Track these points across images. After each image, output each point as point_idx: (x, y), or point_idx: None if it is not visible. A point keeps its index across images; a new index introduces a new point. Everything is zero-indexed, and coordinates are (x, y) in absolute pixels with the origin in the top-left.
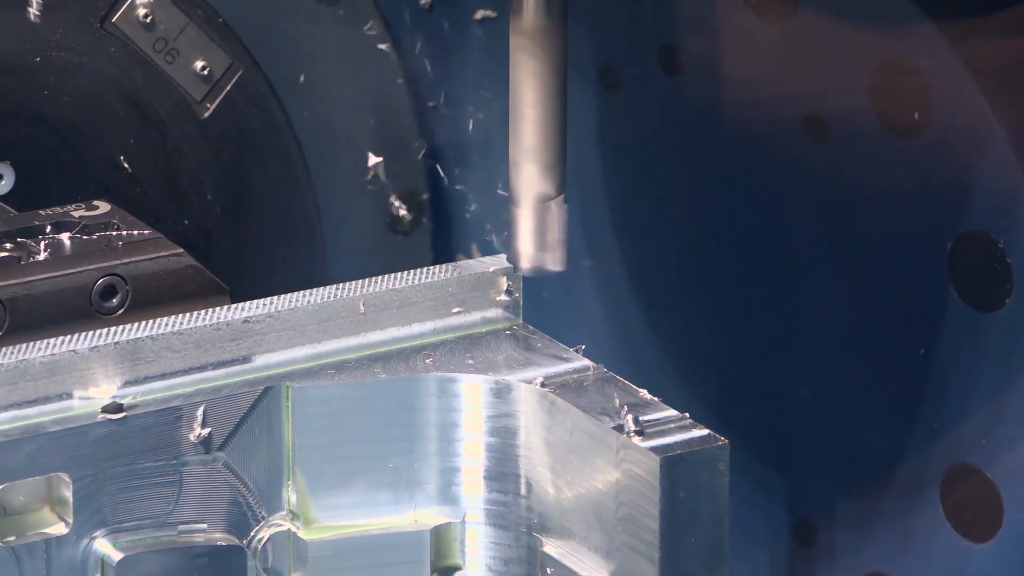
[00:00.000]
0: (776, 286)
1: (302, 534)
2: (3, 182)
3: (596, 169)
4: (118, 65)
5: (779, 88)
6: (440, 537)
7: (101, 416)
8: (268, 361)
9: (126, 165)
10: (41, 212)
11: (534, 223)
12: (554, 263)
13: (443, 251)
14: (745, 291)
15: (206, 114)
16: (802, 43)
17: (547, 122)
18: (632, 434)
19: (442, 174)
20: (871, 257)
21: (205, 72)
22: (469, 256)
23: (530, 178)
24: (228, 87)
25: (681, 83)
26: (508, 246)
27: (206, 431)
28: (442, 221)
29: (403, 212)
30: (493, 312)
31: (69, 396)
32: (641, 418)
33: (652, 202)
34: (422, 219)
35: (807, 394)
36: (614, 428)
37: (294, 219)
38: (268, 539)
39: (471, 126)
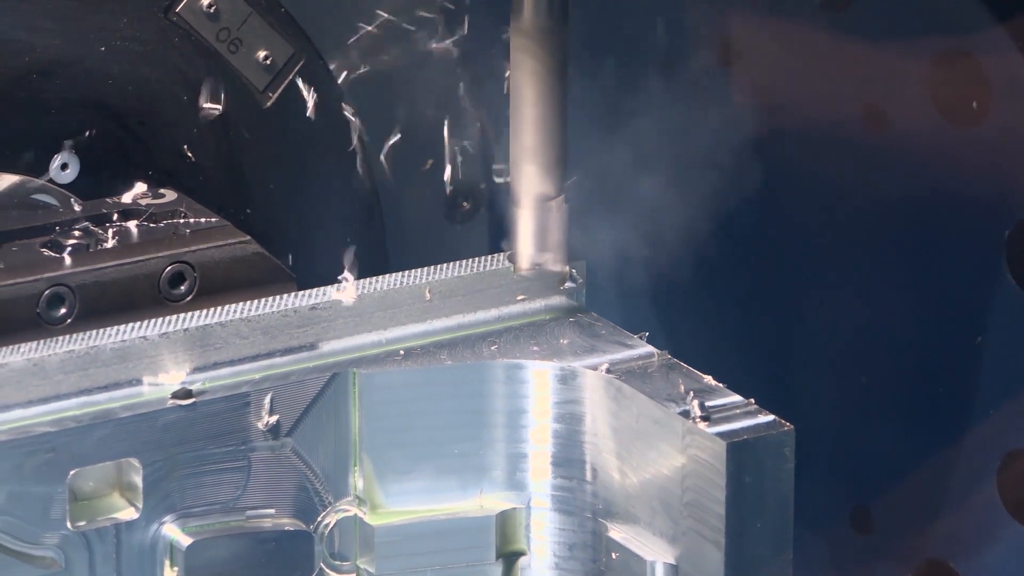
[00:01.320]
0: (833, 273)
1: (368, 519)
2: (68, 171)
3: (652, 158)
4: (182, 55)
5: (838, 78)
6: (505, 523)
7: (171, 402)
8: (335, 348)
9: (189, 154)
10: (108, 200)
11: (534, 223)
12: (555, 263)
13: (499, 240)
14: (804, 278)
15: (268, 103)
16: (860, 32)
17: (547, 122)
18: (698, 420)
19: (498, 164)
20: (928, 245)
21: (268, 62)
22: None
23: (530, 178)
24: (290, 76)
25: (738, 73)
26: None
27: (274, 418)
28: (498, 210)
29: (462, 201)
30: (557, 299)
31: (139, 382)
32: (707, 404)
33: (709, 191)
34: (480, 208)
35: (864, 381)
36: (680, 414)
37: (354, 208)
38: (335, 524)
39: None
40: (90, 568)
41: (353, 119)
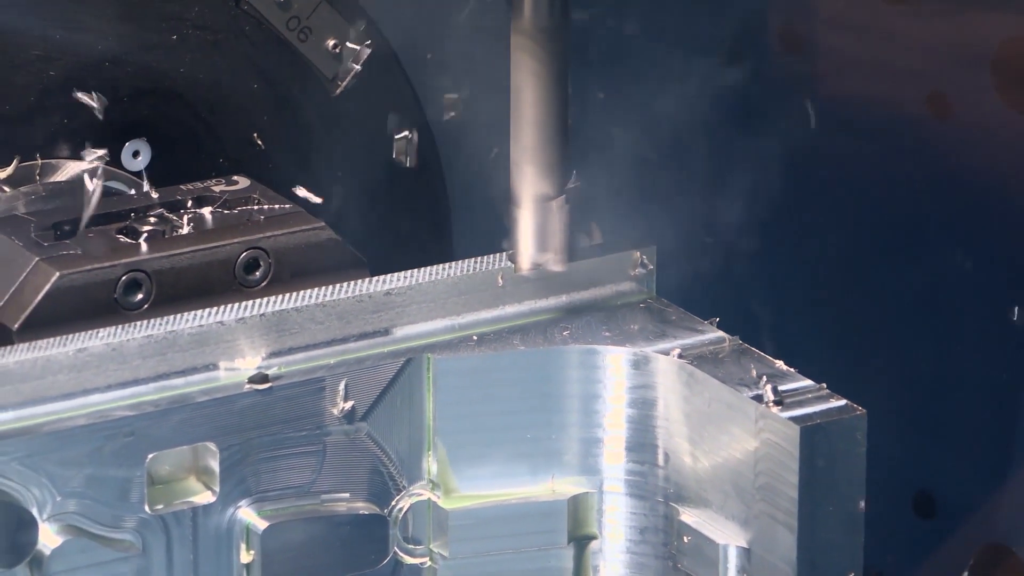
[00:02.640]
0: (899, 260)
1: (442, 503)
2: (140, 158)
3: (716, 148)
4: (252, 43)
5: (902, 65)
6: (577, 507)
7: (247, 386)
8: (409, 333)
9: (259, 142)
10: (182, 187)
11: (535, 224)
12: (555, 264)
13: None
14: (869, 265)
15: (337, 91)
16: (925, 19)
17: (548, 122)
18: (771, 404)
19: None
20: (992, 231)
21: (336, 50)
22: (589, 234)
23: (530, 178)
24: (359, 65)
25: (803, 61)
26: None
27: (349, 403)
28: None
29: None
30: (627, 285)
31: (215, 367)
32: (780, 388)
33: (774, 180)
34: None
35: (928, 366)
36: (753, 398)
37: (422, 196)
38: (408, 508)
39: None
40: (167, 551)
41: (419, 105)
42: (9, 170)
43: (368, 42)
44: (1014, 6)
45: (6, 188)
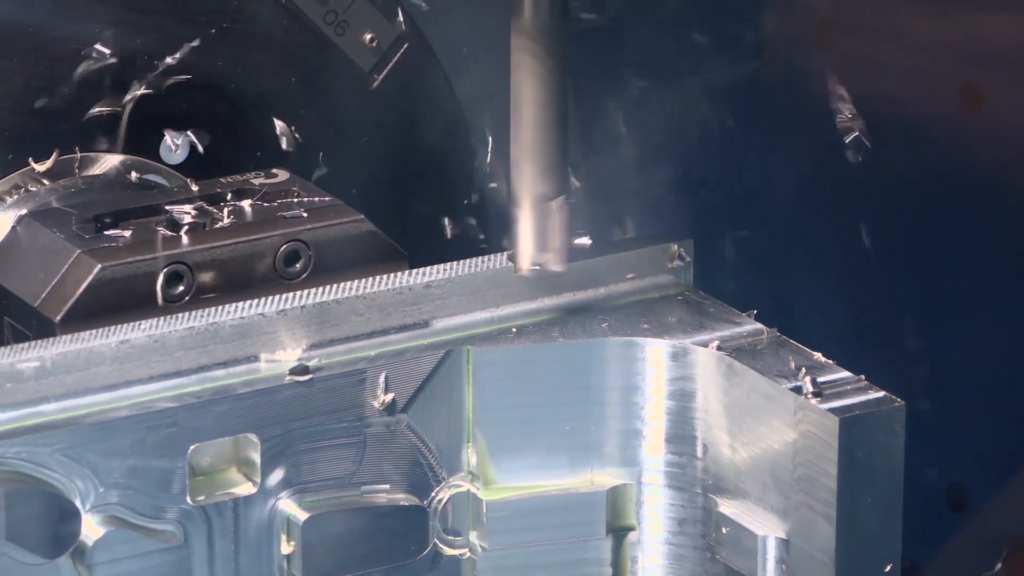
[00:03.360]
0: (933, 252)
1: (481, 495)
2: (178, 152)
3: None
4: (290, 37)
5: (935, 57)
6: (616, 498)
7: (288, 378)
8: (448, 325)
9: (296, 136)
10: (222, 180)
11: (535, 224)
12: (555, 264)
13: (603, 216)
14: (902, 258)
15: (374, 85)
16: (957, 11)
17: (547, 122)
18: (810, 396)
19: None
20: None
21: (373, 44)
22: (623, 228)
23: (530, 178)
24: (395, 59)
25: (837, 53)
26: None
27: (389, 395)
28: (602, 187)
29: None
30: (665, 278)
31: (256, 359)
32: (818, 380)
33: (805, 170)
34: (580, 187)
35: (963, 359)
36: (792, 390)
37: (457, 189)
38: (448, 500)
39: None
40: (208, 542)
41: (455, 100)
42: (48, 163)
43: (404, 35)
44: None
45: (45, 181)
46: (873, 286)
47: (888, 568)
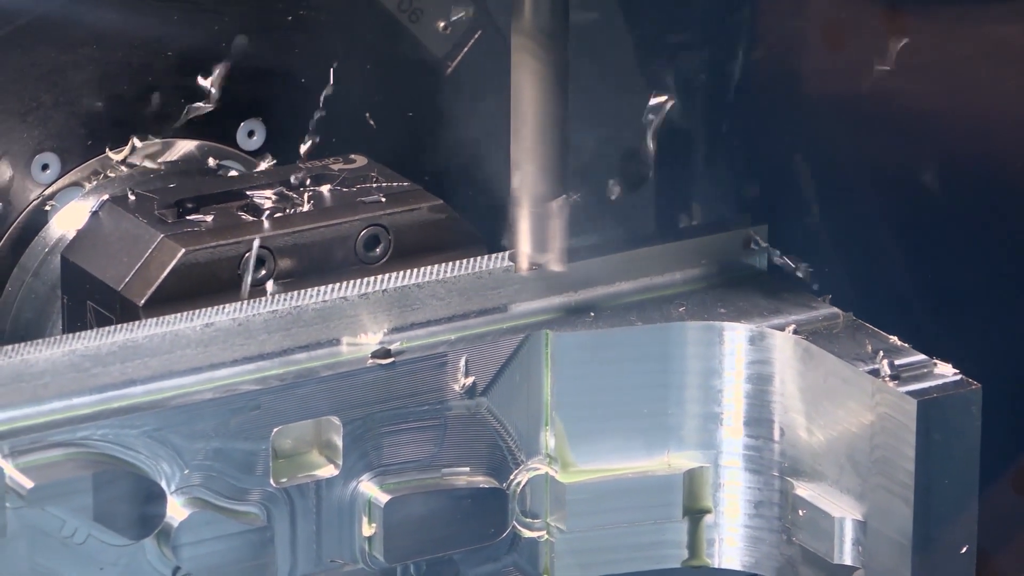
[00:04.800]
0: (999, 232)
1: (560, 478)
2: (255, 138)
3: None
4: (364, 24)
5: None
6: (692, 481)
7: (370, 361)
8: (527, 309)
9: (371, 122)
10: (301, 165)
11: (535, 224)
12: (555, 264)
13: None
14: (970, 241)
15: (448, 71)
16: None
17: (547, 122)
18: (888, 378)
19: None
20: None
21: (447, 31)
22: (690, 216)
23: (530, 178)
24: (468, 46)
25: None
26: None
27: (469, 378)
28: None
29: (629, 166)
30: (740, 263)
31: (338, 342)
32: (896, 363)
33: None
34: (647, 175)
35: None
36: (869, 373)
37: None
38: (526, 482)
39: None
40: (291, 524)
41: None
42: (126, 150)
43: (478, 22)
44: None
45: (123, 168)
46: (945, 268)
47: (964, 550)
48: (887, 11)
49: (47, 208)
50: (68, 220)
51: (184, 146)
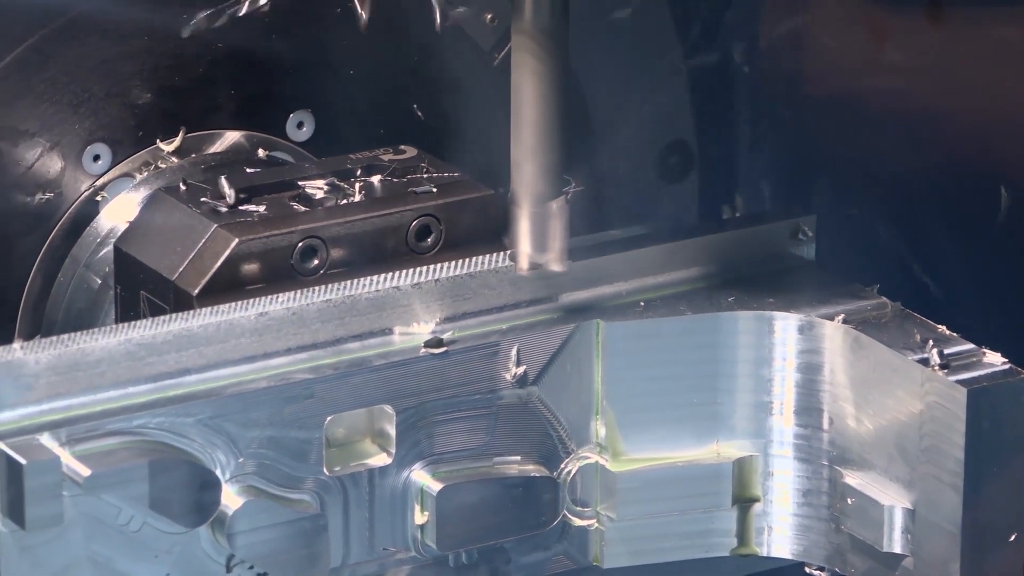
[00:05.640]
0: None
1: (610, 466)
2: (304, 129)
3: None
4: (409, 16)
5: None
6: (741, 469)
7: (423, 351)
8: (578, 299)
9: (419, 114)
10: (351, 156)
11: (535, 224)
12: (555, 264)
13: (713, 199)
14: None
15: (495, 63)
16: None
17: (547, 122)
18: (937, 367)
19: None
20: None
21: (494, 23)
22: (733, 207)
23: (530, 178)
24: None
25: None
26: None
27: (521, 368)
28: (712, 169)
29: (672, 158)
30: (788, 253)
31: (390, 331)
32: (945, 352)
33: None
34: (692, 166)
35: None
36: (918, 362)
37: (574, 165)
38: (577, 471)
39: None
40: (344, 512)
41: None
42: (177, 142)
43: None
44: None
45: (175, 159)
46: (993, 256)
47: (1013, 537)
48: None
49: (98, 199)
50: (119, 211)
51: (233, 137)
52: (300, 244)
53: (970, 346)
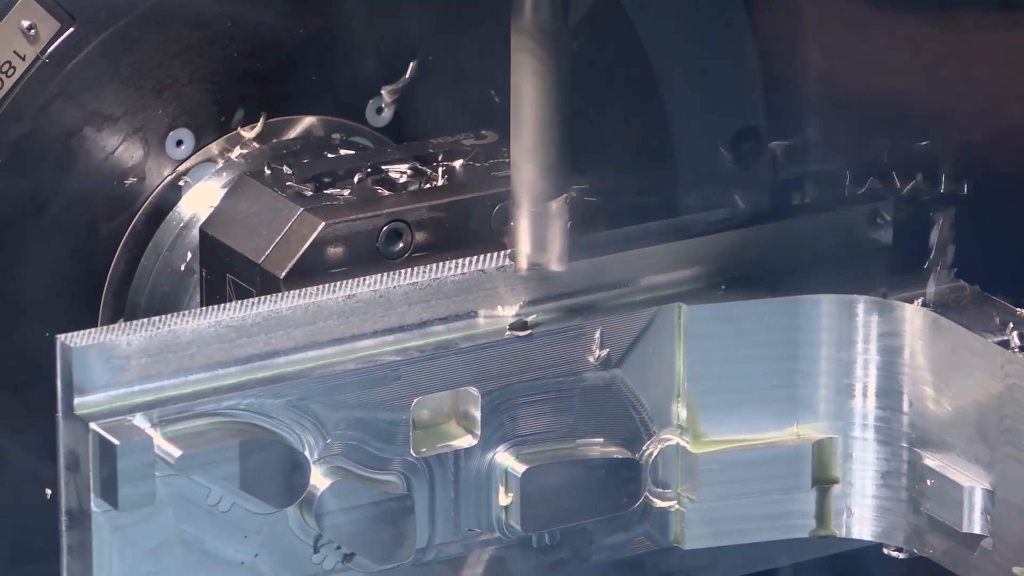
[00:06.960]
0: None
1: (691, 448)
2: (383, 114)
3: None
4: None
5: None
6: (821, 452)
7: (508, 333)
8: (659, 282)
9: (496, 99)
10: (432, 141)
11: (535, 224)
12: (555, 264)
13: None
14: None
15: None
16: None
17: (548, 122)
18: (1017, 349)
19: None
20: None
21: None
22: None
23: (530, 178)
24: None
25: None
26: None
27: (604, 350)
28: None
29: (745, 143)
30: (866, 236)
31: (475, 314)
32: None
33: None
34: (762, 150)
35: None
36: (998, 344)
37: (645, 153)
38: (658, 453)
39: None
40: (430, 493)
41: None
42: (258, 127)
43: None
44: None
45: (256, 144)
46: None
47: None
48: None
49: (181, 184)
50: (201, 196)
51: (312, 122)
52: (385, 228)
53: None
